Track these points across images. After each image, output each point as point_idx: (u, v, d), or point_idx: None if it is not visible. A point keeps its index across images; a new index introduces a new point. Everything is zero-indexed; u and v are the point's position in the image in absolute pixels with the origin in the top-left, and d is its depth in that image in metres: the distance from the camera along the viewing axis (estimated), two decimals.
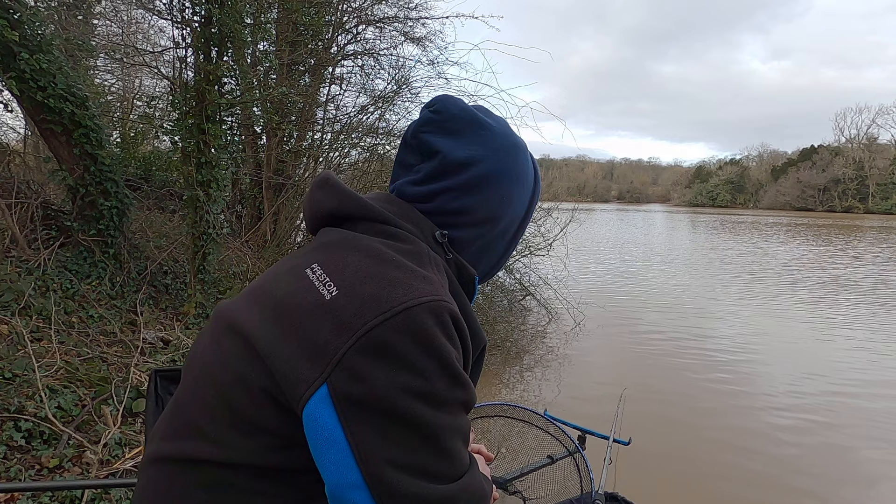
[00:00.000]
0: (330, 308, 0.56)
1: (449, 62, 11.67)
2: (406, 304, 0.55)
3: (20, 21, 3.78)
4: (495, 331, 6.78)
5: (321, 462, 0.54)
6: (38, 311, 3.67)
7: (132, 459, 2.72)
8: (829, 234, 28.78)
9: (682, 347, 6.88)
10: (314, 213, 0.72)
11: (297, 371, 0.54)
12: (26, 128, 6.68)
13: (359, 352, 0.53)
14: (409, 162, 0.73)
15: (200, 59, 4.60)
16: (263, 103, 6.27)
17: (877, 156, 72.35)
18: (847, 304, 9.92)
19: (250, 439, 0.57)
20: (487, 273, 0.78)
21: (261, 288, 0.66)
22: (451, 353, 0.56)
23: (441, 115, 0.71)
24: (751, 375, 5.89)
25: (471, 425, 0.63)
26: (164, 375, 0.93)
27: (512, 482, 1.21)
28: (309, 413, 0.53)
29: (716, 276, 13.06)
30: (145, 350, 3.89)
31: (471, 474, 0.59)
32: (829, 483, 3.78)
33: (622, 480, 1.51)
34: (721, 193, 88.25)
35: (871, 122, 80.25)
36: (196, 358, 0.67)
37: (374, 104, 7.61)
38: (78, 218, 4.47)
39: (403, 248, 0.64)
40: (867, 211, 66.77)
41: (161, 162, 7.94)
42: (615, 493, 1.23)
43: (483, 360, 0.70)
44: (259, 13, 5.62)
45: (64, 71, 4.09)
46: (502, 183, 0.71)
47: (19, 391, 2.89)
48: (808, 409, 5.01)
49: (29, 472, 2.48)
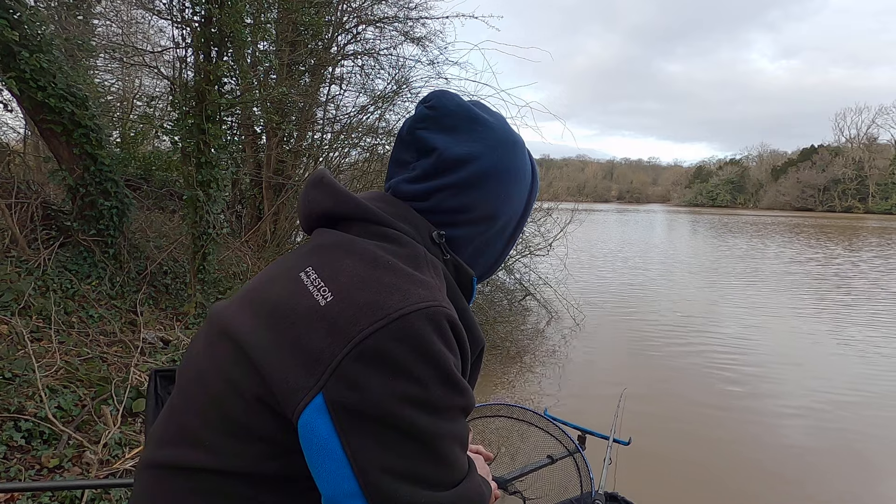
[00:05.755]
0: (325, 314, 0.55)
1: (449, 62, 11.74)
2: (402, 311, 0.54)
3: (20, 21, 3.78)
4: (495, 331, 6.78)
5: (317, 472, 0.53)
6: (38, 311, 3.67)
7: (132, 459, 2.72)
8: (830, 234, 28.76)
9: (683, 347, 6.88)
10: (309, 213, 0.70)
11: (292, 379, 0.53)
12: (26, 128, 6.68)
13: (355, 360, 0.52)
14: (404, 159, 0.71)
15: (200, 59, 4.60)
16: (263, 103, 6.28)
17: (877, 156, 72.35)
18: (847, 304, 9.91)
19: (245, 447, 0.56)
20: (486, 272, 0.77)
21: (255, 291, 0.65)
22: (449, 360, 0.55)
23: (437, 111, 0.69)
24: (751, 375, 5.88)
25: (469, 427, 0.62)
26: (163, 375, 0.93)
27: (512, 482, 1.21)
28: (304, 422, 0.52)
29: (716, 276, 13.06)
30: (145, 350, 3.89)
31: (469, 479, 0.58)
32: (829, 483, 3.78)
33: (622, 480, 1.51)
34: (721, 193, 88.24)
35: (871, 122, 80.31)
36: (191, 362, 0.66)
37: (374, 104, 7.61)
38: (78, 218, 4.47)
39: (400, 251, 0.62)
40: (867, 211, 66.74)
41: (161, 162, 7.94)
42: (615, 493, 1.23)
43: (482, 361, 0.70)
44: (259, 13, 5.61)
45: (64, 71, 4.09)
46: (500, 180, 0.70)
47: (19, 391, 2.89)
48: (810, 408, 5.01)
49: (29, 472, 2.48)
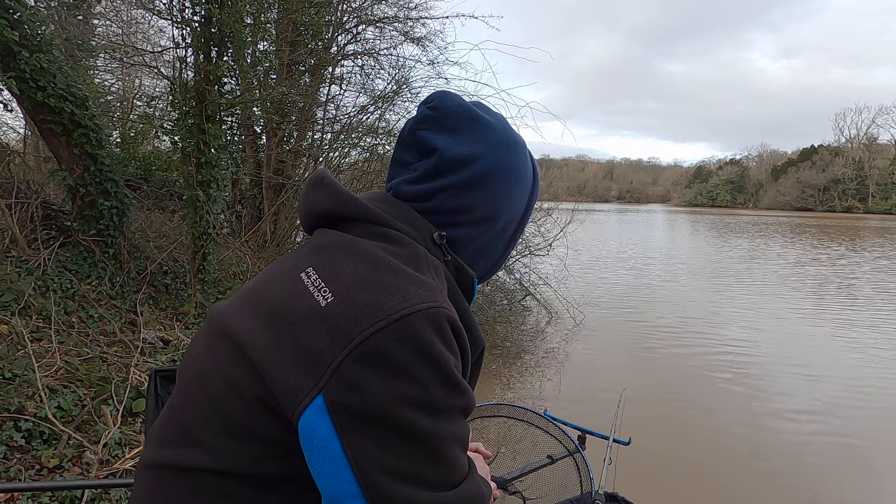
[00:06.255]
0: (325, 315, 0.55)
1: (449, 62, 11.73)
2: (403, 312, 0.53)
3: (20, 21, 3.78)
4: (495, 331, 6.79)
5: (317, 473, 0.53)
6: (38, 311, 3.67)
7: (132, 459, 2.72)
8: (833, 234, 28.75)
9: (683, 347, 6.88)
10: (309, 213, 0.70)
11: (292, 380, 0.53)
12: (26, 128, 6.68)
13: (355, 361, 0.52)
14: (405, 160, 0.71)
15: (200, 59, 4.60)
16: (263, 103, 6.28)
17: (876, 156, 72.31)
18: (846, 305, 9.91)
19: (245, 447, 0.56)
20: (486, 273, 0.77)
21: (254, 291, 0.64)
22: (450, 361, 0.55)
23: (439, 111, 0.69)
24: (752, 375, 5.88)
25: (469, 428, 0.62)
26: (164, 375, 0.93)
27: (512, 482, 1.21)
28: (304, 423, 0.52)
29: (717, 277, 13.07)
30: (145, 350, 3.89)
31: (469, 480, 0.58)
32: (830, 484, 3.78)
33: (622, 480, 1.51)
34: (721, 193, 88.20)
35: (871, 122, 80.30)
36: (190, 362, 0.66)
37: (374, 104, 7.61)
38: (78, 218, 4.47)
39: (401, 252, 0.62)
40: (867, 211, 66.73)
41: (161, 162, 7.95)
42: (615, 493, 1.23)
43: (482, 362, 0.70)
44: (259, 13, 5.61)
45: (64, 71, 4.09)
46: (501, 180, 0.70)
47: (19, 391, 2.89)
48: (812, 410, 5.00)
49: (29, 472, 2.48)
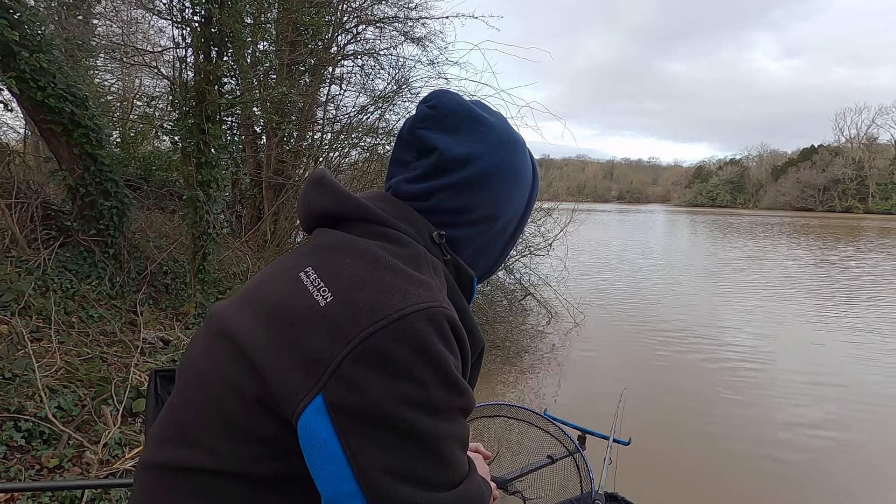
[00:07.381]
0: (325, 315, 0.55)
1: (449, 62, 11.78)
2: (403, 311, 0.53)
3: (20, 21, 3.78)
4: (495, 331, 6.78)
5: (317, 473, 0.53)
6: (38, 311, 3.67)
7: (132, 459, 2.72)
8: (836, 234, 28.75)
9: (683, 347, 6.88)
10: (309, 213, 0.70)
11: (291, 380, 0.53)
12: (26, 128, 6.69)
13: (354, 361, 0.51)
14: (405, 159, 0.71)
15: (200, 59, 4.60)
16: (263, 103, 6.28)
17: (876, 156, 72.34)
18: (846, 306, 9.91)
19: (244, 447, 0.56)
20: (486, 273, 0.77)
21: (254, 291, 0.64)
22: (450, 361, 0.55)
23: (438, 110, 0.69)
24: (752, 375, 5.88)
25: (469, 428, 0.62)
26: (163, 375, 0.93)
27: (512, 482, 1.21)
28: (304, 424, 0.52)
29: (718, 277, 13.07)
30: (145, 350, 3.89)
31: (469, 480, 0.58)
32: (832, 485, 3.78)
33: (622, 480, 1.51)
34: (721, 193, 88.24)
35: (871, 122, 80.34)
36: (190, 362, 0.66)
37: (374, 104, 7.61)
38: (78, 218, 4.47)
39: (400, 251, 0.62)
40: (867, 211, 66.75)
41: (161, 162, 7.95)
42: (615, 493, 1.22)
43: (481, 361, 0.69)
44: (259, 13, 5.62)
45: (64, 71, 4.09)
46: (501, 180, 0.69)
47: (19, 391, 2.89)
48: (814, 411, 5.00)
49: (29, 472, 2.48)
